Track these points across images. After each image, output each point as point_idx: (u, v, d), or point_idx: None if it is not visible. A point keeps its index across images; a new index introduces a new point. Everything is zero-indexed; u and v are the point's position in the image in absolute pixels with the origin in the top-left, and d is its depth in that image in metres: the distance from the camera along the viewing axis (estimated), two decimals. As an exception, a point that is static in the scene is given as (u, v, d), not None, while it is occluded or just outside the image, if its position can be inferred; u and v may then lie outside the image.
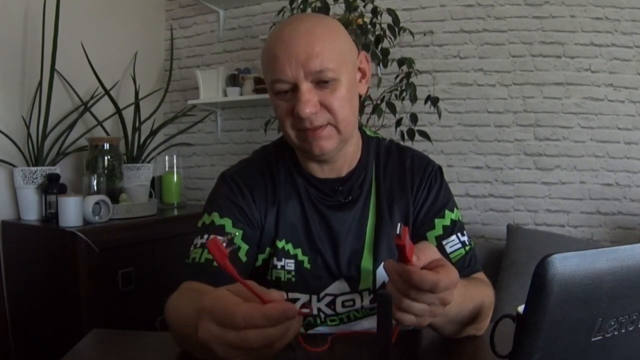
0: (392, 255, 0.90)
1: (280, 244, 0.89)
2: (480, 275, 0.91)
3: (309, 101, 0.78)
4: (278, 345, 0.50)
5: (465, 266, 0.88)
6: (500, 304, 1.82)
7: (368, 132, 0.99)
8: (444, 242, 0.89)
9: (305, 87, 0.78)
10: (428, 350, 0.78)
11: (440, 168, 0.97)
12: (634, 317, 0.50)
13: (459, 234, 0.90)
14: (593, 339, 0.48)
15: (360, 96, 0.89)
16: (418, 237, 0.91)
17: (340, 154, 0.89)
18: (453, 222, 0.91)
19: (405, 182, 0.93)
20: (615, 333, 0.49)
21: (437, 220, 0.91)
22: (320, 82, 0.79)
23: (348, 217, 0.90)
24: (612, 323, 0.49)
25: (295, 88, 0.79)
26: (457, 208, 0.94)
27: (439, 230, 0.90)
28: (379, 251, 0.90)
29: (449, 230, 0.90)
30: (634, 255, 0.48)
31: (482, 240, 2.26)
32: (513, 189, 2.25)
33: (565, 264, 0.45)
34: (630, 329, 0.50)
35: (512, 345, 0.53)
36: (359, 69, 0.87)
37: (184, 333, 0.68)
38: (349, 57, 0.84)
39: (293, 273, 0.88)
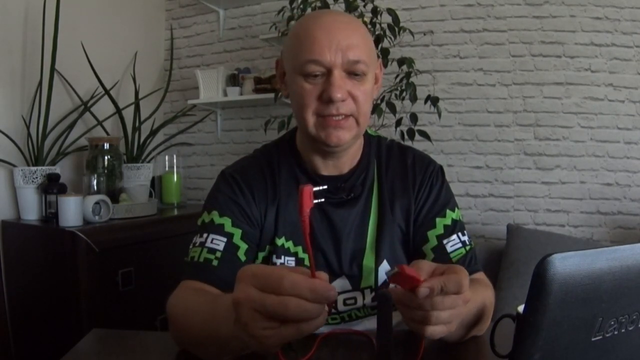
0: (394, 253, 0.90)
1: (280, 241, 0.89)
2: (480, 275, 0.91)
3: (341, 86, 0.80)
4: (305, 329, 0.49)
5: (466, 266, 0.87)
6: (500, 304, 1.81)
7: (369, 131, 1.00)
8: (444, 241, 0.89)
9: (339, 73, 0.81)
10: (428, 350, 0.77)
11: (441, 168, 0.97)
12: (634, 317, 0.50)
13: (459, 234, 0.90)
14: (593, 339, 0.48)
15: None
16: (419, 235, 0.91)
17: (347, 150, 0.90)
18: (454, 221, 0.91)
19: (407, 180, 0.93)
20: (615, 333, 0.49)
21: (438, 219, 0.91)
22: (352, 74, 0.82)
23: (350, 215, 0.90)
24: (612, 323, 0.49)
25: (328, 73, 0.81)
26: (457, 208, 0.95)
27: (439, 230, 0.90)
28: (381, 249, 0.90)
29: (449, 230, 0.90)
30: (634, 255, 0.48)
31: (482, 240, 2.26)
32: (513, 188, 2.25)
33: (565, 264, 0.45)
34: (630, 328, 0.50)
35: (512, 345, 0.53)
36: (375, 73, 0.89)
37: (193, 324, 0.68)
38: (374, 59, 0.87)
39: None
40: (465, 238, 0.91)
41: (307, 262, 0.89)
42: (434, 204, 0.92)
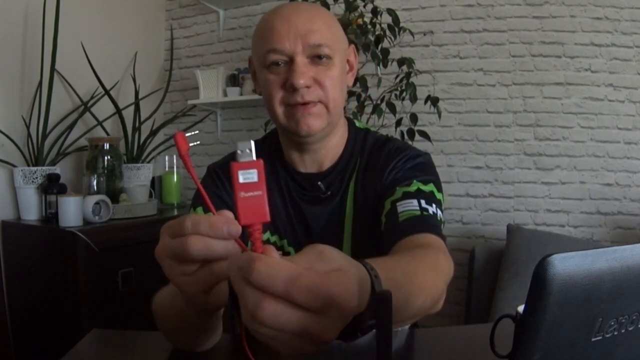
0: (374, 249, 0.86)
1: (265, 235, 0.89)
2: (429, 237, 0.75)
3: (304, 73, 0.79)
4: (217, 269, 0.48)
5: (413, 225, 0.77)
6: (500, 304, 1.82)
7: (357, 124, 0.96)
8: (397, 204, 0.80)
9: (301, 60, 0.80)
10: (428, 350, 0.78)
11: (425, 155, 0.91)
12: (634, 317, 0.50)
13: (422, 201, 0.80)
14: (593, 339, 0.48)
15: (347, 87, 0.90)
16: (379, 206, 0.84)
17: (323, 143, 0.88)
18: (420, 190, 0.82)
19: (383, 168, 0.88)
20: (615, 333, 0.49)
21: (399, 188, 0.83)
22: (316, 59, 0.81)
23: (324, 212, 0.89)
24: (612, 323, 0.49)
25: (290, 61, 0.80)
26: (435, 186, 0.85)
27: (397, 195, 0.82)
28: (358, 245, 0.87)
29: (410, 196, 0.81)
30: (634, 255, 0.48)
31: (482, 240, 2.26)
32: (513, 189, 2.25)
33: (565, 264, 0.45)
34: (630, 329, 0.50)
35: (512, 345, 0.53)
36: (348, 60, 0.88)
37: (169, 316, 0.68)
38: (341, 44, 0.86)
39: None
40: (430, 208, 0.79)
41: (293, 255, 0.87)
42: (400, 177, 0.85)
